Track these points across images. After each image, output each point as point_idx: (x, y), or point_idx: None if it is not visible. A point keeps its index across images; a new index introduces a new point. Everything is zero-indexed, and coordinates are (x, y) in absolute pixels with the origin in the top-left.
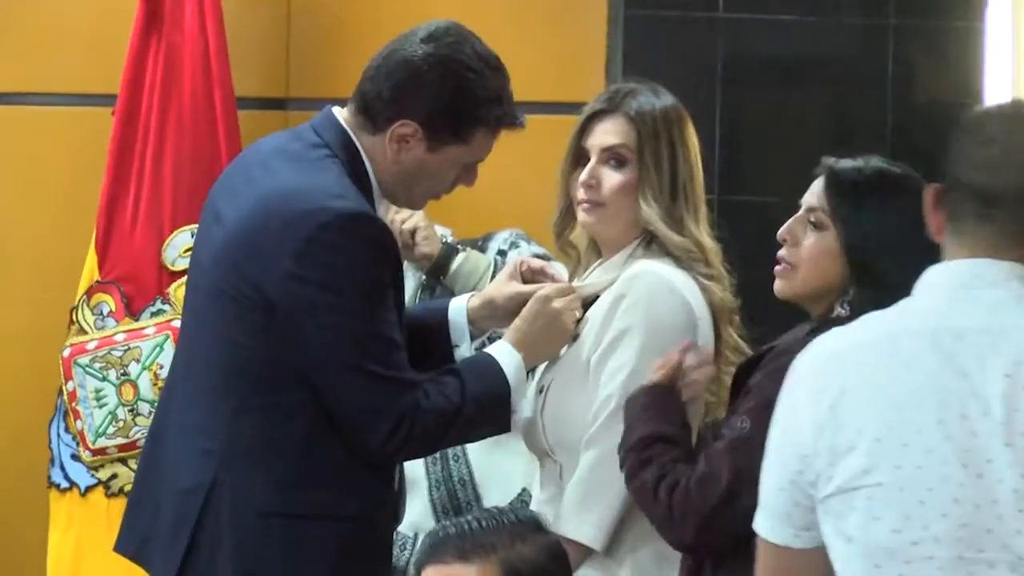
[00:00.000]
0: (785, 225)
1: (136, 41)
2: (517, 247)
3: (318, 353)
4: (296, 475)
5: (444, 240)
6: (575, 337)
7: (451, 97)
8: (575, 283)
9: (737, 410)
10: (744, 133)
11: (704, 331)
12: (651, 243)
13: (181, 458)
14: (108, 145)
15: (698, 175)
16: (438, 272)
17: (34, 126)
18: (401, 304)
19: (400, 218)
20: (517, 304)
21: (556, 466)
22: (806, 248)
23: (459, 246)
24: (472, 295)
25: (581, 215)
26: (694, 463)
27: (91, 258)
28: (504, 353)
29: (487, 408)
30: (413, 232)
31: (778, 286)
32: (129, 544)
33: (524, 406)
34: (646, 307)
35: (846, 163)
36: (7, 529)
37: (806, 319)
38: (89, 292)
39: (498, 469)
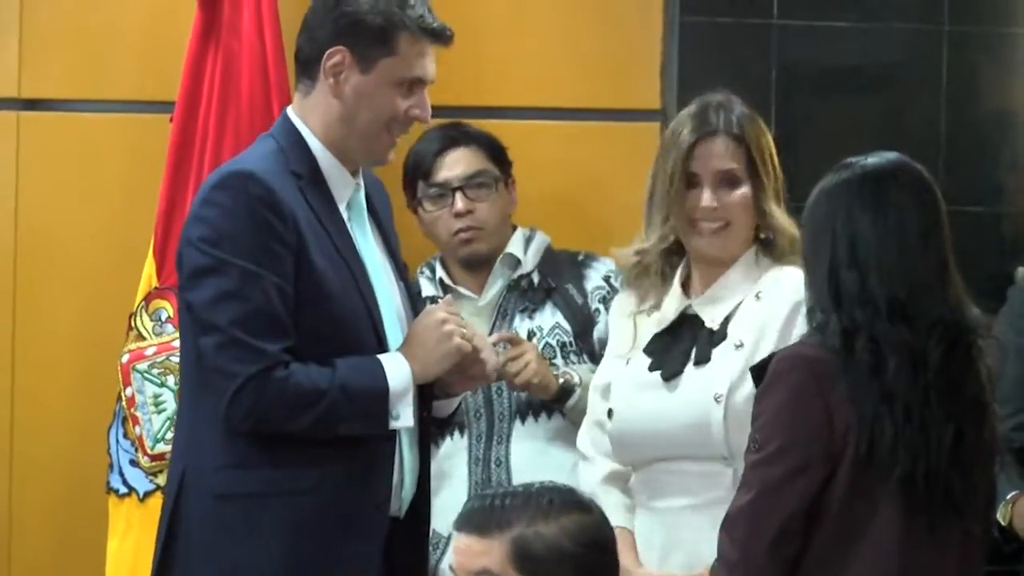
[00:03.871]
0: None
1: (194, 48)
2: (615, 289)
3: (195, 313)
4: (246, 455)
5: (561, 380)
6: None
7: (367, 7)
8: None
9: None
10: (798, 139)
11: None
12: (767, 246)
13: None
14: (165, 152)
15: None
16: (555, 404)
17: (90, 133)
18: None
19: (514, 369)
20: None
21: (729, 471)
22: None
23: (576, 383)
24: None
25: (706, 240)
26: None
27: (149, 265)
28: (392, 358)
29: (358, 402)
30: (527, 384)
31: None
32: None
33: (407, 414)
34: None
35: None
36: (66, 535)
37: None
38: (147, 298)
39: (538, 476)
